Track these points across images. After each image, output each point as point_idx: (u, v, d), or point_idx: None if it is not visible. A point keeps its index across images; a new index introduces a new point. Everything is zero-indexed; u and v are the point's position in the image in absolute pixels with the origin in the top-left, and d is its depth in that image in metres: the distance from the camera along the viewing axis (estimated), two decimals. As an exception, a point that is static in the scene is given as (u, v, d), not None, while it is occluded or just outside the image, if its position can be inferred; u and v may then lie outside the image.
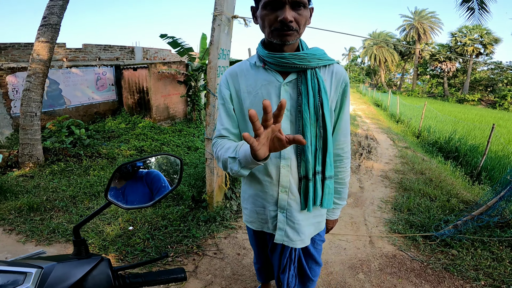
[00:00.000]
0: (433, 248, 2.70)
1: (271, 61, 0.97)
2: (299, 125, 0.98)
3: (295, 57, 0.95)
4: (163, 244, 2.63)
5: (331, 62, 1.02)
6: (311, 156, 1.00)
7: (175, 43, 7.41)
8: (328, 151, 1.01)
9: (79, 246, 0.71)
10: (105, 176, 4.28)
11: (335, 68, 1.04)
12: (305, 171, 1.01)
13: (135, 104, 8.31)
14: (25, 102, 4.47)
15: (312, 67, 0.97)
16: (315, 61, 0.98)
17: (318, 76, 0.99)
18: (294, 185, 1.04)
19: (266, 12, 0.88)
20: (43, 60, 4.47)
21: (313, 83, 0.98)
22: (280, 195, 1.06)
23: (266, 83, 1.01)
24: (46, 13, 4.46)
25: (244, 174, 0.91)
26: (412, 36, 33.62)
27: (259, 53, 1.02)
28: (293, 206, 1.06)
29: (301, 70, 0.98)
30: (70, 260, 0.65)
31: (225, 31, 2.66)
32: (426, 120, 10.48)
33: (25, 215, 3.17)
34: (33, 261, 0.63)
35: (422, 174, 4.81)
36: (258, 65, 1.02)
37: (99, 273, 0.65)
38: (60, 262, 0.62)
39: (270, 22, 0.89)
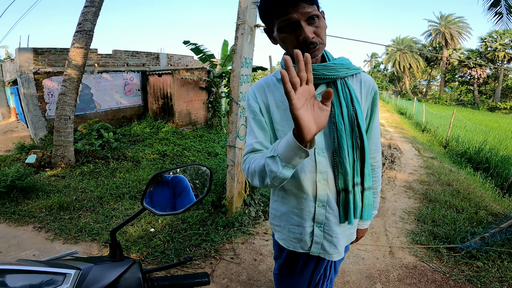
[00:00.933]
0: (457, 260, 2.61)
1: None
2: (334, 137, 0.95)
3: (324, 68, 0.93)
4: (182, 247, 2.70)
5: (358, 71, 1.01)
6: (349, 168, 0.96)
7: (198, 49, 7.63)
8: (366, 161, 0.98)
9: (114, 249, 0.76)
10: (130, 178, 4.45)
11: (362, 77, 1.02)
12: (344, 183, 0.98)
13: (159, 109, 8.60)
14: (60, 105, 4.77)
15: (341, 77, 0.96)
16: (344, 70, 0.96)
17: (348, 85, 0.97)
18: (332, 198, 1.01)
19: (284, 35, 0.87)
20: (77, 66, 4.76)
21: (344, 93, 0.96)
22: (317, 209, 1.02)
23: None
24: (81, 19, 4.74)
25: (287, 175, 0.80)
26: (438, 42, 32.41)
27: None
28: (331, 220, 1.03)
29: (331, 81, 0.96)
30: (106, 262, 0.70)
31: (248, 39, 2.72)
32: (454, 129, 10.02)
33: (55, 214, 3.36)
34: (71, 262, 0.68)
35: (449, 186, 4.61)
36: None
37: (131, 275, 0.68)
38: (97, 264, 0.66)
39: (293, 44, 0.86)
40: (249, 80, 2.97)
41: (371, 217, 1.06)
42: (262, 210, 3.40)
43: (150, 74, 8.68)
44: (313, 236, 1.05)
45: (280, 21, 0.84)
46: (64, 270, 0.61)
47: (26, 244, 2.83)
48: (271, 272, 2.43)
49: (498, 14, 4.72)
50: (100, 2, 4.87)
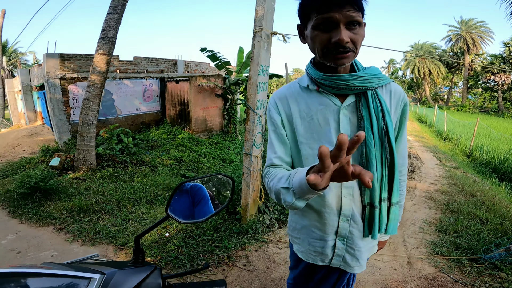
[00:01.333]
0: (479, 271, 2.51)
1: (328, 83, 0.90)
2: (363, 152, 0.91)
3: (355, 78, 0.88)
4: (196, 253, 2.71)
5: (388, 81, 0.96)
6: (377, 184, 0.92)
7: (214, 56, 7.76)
8: (395, 177, 0.94)
9: (137, 254, 0.78)
10: (147, 183, 4.55)
11: (392, 87, 0.97)
12: (370, 198, 0.94)
13: (176, 116, 8.77)
14: (84, 110, 4.96)
15: (372, 88, 0.91)
16: (376, 81, 0.91)
17: (379, 97, 0.92)
18: (357, 213, 0.97)
19: (317, 33, 0.82)
20: (101, 72, 4.94)
21: (375, 105, 0.91)
22: (341, 224, 0.98)
23: (322, 107, 0.93)
24: (104, 26, 4.93)
25: (299, 206, 0.79)
26: (460, 47, 31.39)
27: (311, 75, 0.94)
28: (355, 234, 0.99)
29: (360, 92, 0.91)
30: (129, 267, 0.72)
31: (265, 47, 2.75)
32: (478, 137, 9.61)
33: (75, 216, 3.47)
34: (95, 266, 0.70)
35: (472, 196, 4.42)
36: (312, 88, 0.95)
37: (152, 281, 0.70)
38: (120, 269, 0.68)
39: (323, 44, 0.82)
40: (265, 88, 2.98)
41: (395, 231, 1.02)
42: (276, 218, 3.37)
43: (168, 80, 8.90)
44: (335, 249, 1.02)
45: (318, 18, 0.80)
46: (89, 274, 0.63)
47: (45, 244, 2.93)
48: (283, 281, 2.40)
49: None
50: (122, 9, 5.05)
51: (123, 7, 5.10)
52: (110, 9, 4.98)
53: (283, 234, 3.15)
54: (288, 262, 2.64)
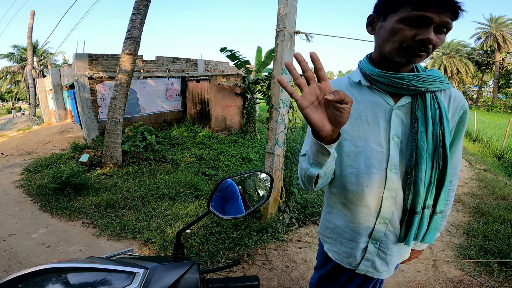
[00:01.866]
0: (508, 275, 2.42)
1: (384, 81, 0.87)
2: (413, 155, 0.87)
3: (415, 78, 0.85)
4: (216, 250, 2.75)
5: (449, 85, 0.91)
6: (423, 190, 0.88)
7: (233, 56, 7.81)
8: (444, 185, 0.90)
9: (177, 249, 0.80)
10: (169, 180, 4.66)
11: (452, 93, 0.92)
12: (412, 204, 0.90)
13: (196, 114, 8.93)
14: (111, 109, 5.15)
15: (432, 91, 0.87)
16: (437, 84, 0.87)
17: (439, 101, 0.87)
18: (397, 217, 0.93)
19: (402, 27, 0.77)
20: (127, 71, 5.10)
21: (432, 109, 0.86)
22: (377, 226, 0.95)
23: (372, 105, 0.90)
24: (130, 26, 5.07)
25: (313, 174, 0.81)
26: (490, 45, 29.74)
27: (365, 71, 0.91)
28: (389, 238, 0.96)
29: (417, 94, 0.87)
30: (169, 262, 0.75)
31: (288, 46, 2.74)
32: (510, 139, 9.09)
33: (102, 211, 3.61)
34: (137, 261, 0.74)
35: (504, 200, 4.21)
36: (364, 84, 0.92)
37: (191, 276, 0.72)
38: (162, 264, 0.71)
39: (404, 39, 0.78)
40: (289, 86, 2.98)
41: (433, 241, 0.98)
42: (296, 218, 3.36)
43: (189, 79, 9.07)
44: (366, 252, 0.99)
45: (412, 13, 0.76)
46: (134, 269, 0.66)
47: (74, 239, 3.04)
48: (303, 280, 2.39)
49: None
50: (145, 9, 5.17)
51: (147, 7, 5.22)
52: (134, 9, 5.11)
53: (303, 233, 3.13)
54: (307, 262, 2.63)
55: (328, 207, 1.08)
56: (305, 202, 3.61)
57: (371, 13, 0.89)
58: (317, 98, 0.67)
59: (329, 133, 0.69)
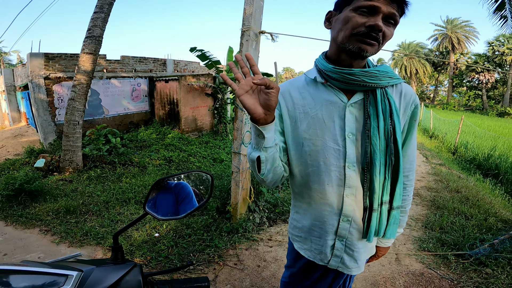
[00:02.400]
0: (465, 267, 2.57)
1: (336, 77, 0.88)
2: (367, 152, 0.89)
3: (365, 74, 0.86)
4: (186, 252, 2.70)
5: (400, 81, 0.93)
6: (379, 186, 0.90)
7: (204, 56, 7.70)
8: (398, 180, 0.92)
9: (116, 252, 0.77)
10: (136, 183, 4.49)
11: (403, 88, 0.95)
12: (370, 200, 0.92)
13: (165, 115, 8.69)
14: (69, 111, 4.86)
15: (382, 86, 0.88)
16: (386, 79, 0.89)
17: (389, 96, 0.89)
18: (359, 214, 0.96)
19: (354, 15, 0.81)
20: (87, 71, 4.85)
21: (383, 104, 0.88)
22: (341, 224, 0.97)
23: (327, 103, 0.91)
24: (90, 25, 4.84)
25: (254, 156, 0.86)
26: (445, 46, 32.16)
27: (320, 67, 0.93)
28: (354, 235, 0.98)
29: (369, 90, 0.89)
30: (107, 264, 0.71)
31: (253, 46, 2.75)
32: (463, 135, 9.88)
33: (61, 217, 3.41)
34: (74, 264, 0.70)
35: (457, 192, 4.55)
36: (319, 81, 0.93)
37: (132, 278, 0.70)
38: (99, 266, 0.68)
39: (355, 25, 0.81)
40: (254, 87, 2.98)
41: (394, 236, 1.01)
42: (267, 217, 3.39)
43: (157, 80, 8.80)
44: (334, 249, 1.01)
45: (363, 2, 0.80)
46: (66, 271, 0.63)
47: (32, 246, 2.87)
48: (274, 279, 2.41)
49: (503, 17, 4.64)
50: (109, 8, 4.97)
51: (111, 6, 5.01)
52: (96, 8, 4.90)
53: (274, 232, 3.16)
54: (278, 260, 2.66)
55: (295, 207, 1.09)
56: (275, 201, 3.65)
57: (330, 10, 0.92)
58: (251, 88, 0.77)
59: (262, 116, 0.78)
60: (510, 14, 4.55)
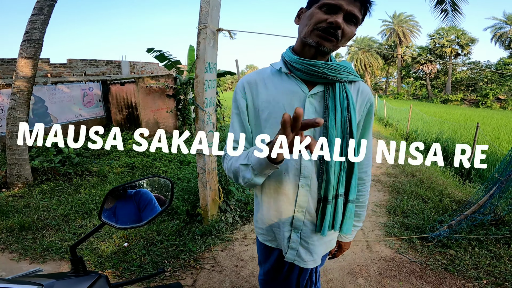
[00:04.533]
0: (430, 249, 2.72)
1: (300, 67, 0.91)
2: None
3: (326, 66, 0.90)
4: (160, 259, 2.59)
5: (358, 79, 0.98)
6: (334, 177, 0.92)
7: (162, 56, 7.42)
8: (354, 172, 0.95)
9: (76, 264, 0.73)
10: (97, 194, 4.20)
11: (361, 86, 0.99)
12: (324, 192, 0.94)
13: (124, 120, 8.23)
14: (10, 121, 4.38)
15: (341, 80, 0.92)
16: (346, 74, 0.93)
17: (347, 90, 0.93)
18: (312, 206, 0.97)
19: (318, 11, 0.86)
20: (27, 77, 4.41)
21: (341, 97, 0.92)
22: (296, 214, 0.98)
23: (289, 92, 0.94)
24: (28, 28, 4.41)
25: (258, 183, 0.85)
26: (393, 40, 34.65)
27: (285, 59, 0.96)
28: (308, 227, 0.99)
29: (329, 83, 0.93)
30: (69, 277, 0.66)
31: (211, 44, 2.69)
32: (413, 122, 10.72)
33: (16, 234, 3.12)
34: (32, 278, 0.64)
35: (413, 176, 4.90)
36: (284, 71, 0.96)
37: None
38: (60, 280, 0.63)
39: (318, 21, 0.86)
40: (214, 86, 2.92)
41: (350, 231, 1.03)
42: (239, 215, 3.37)
43: (111, 83, 8.29)
44: (290, 241, 1.01)
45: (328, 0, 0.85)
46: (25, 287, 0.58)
47: None
48: (254, 277, 2.41)
49: (444, 11, 5.06)
50: (49, 9, 4.56)
51: (51, 7, 4.59)
52: (35, 10, 4.46)
53: (248, 230, 3.16)
54: (255, 258, 2.66)
55: (257, 199, 1.11)
56: (246, 199, 3.64)
57: (302, 7, 0.97)
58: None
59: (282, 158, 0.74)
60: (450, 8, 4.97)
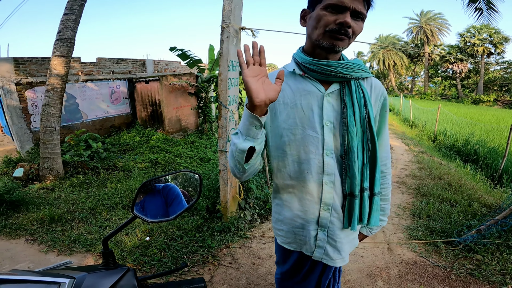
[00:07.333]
0: (456, 254, 2.62)
1: (315, 68, 0.93)
2: (345, 139, 0.93)
3: (341, 65, 0.92)
4: (179, 254, 2.66)
5: (370, 75, 1.00)
6: (358, 172, 0.94)
7: (184, 55, 7.57)
8: (376, 165, 0.97)
9: (107, 257, 0.75)
10: (122, 188, 4.36)
11: (373, 82, 1.02)
12: (350, 187, 0.95)
13: (148, 117, 8.48)
14: (44, 117, 4.64)
15: (356, 78, 0.95)
16: (359, 72, 0.95)
17: (362, 87, 0.96)
18: (338, 202, 0.98)
19: (325, 13, 0.87)
20: (60, 75, 4.64)
21: (358, 94, 0.94)
22: (321, 213, 0.98)
23: (306, 93, 0.95)
24: (61, 27, 4.63)
25: (245, 148, 0.85)
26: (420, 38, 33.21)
27: (298, 60, 0.98)
28: (335, 224, 1.00)
29: (344, 81, 0.94)
30: (100, 270, 0.68)
31: (234, 42, 2.71)
32: (441, 123, 10.25)
33: (46, 226, 3.29)
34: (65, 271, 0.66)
35: (440, 179, 4.69)
36: (298, 73, 0.97)
37: (126, 283, 0.67)
38: (91, 273, 0.65)
39: (327, 23, 0.87)
40: (237, 84, 2.95)
41: (378, 223, 1.03)
42: (258, 213, 3.38)
43: (137, 81, 8.57)
44: (317, 240, 1.02)
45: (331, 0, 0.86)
46: (58, 279, 0.60)
47: (19, 256, 2.76)
48: (270, 276, 2.41)
49: (478, 9, 4.83)
50: (80, 9, 4.77)
51: (81, 7, 4.81)
52: (66, 9, 4.69)
53: (266, 229, 3.16)
54: (273, 257, 2.66)
55: (276, 199, 1.11)
56: (265, 197, 3.64)
57: (304, 8, 0.97)
58: (258, 75, 0.81)
59: (262, 102, 0.80)
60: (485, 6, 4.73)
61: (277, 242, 1.15)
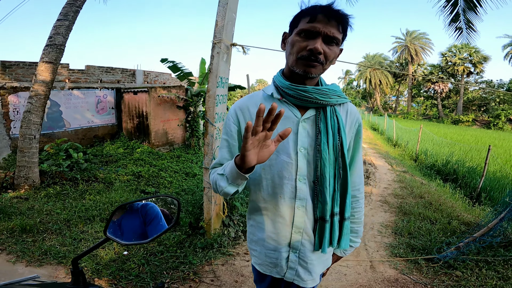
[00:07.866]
0: (436, 271, 2.66)
1: (292, 93, 0.93)
2: (318, 165, 0.94)
3: (317, 91, 0.92)
4: (159, 270, 2.57)
5: (346, 100, 1.00)
6: (329, 198, 0.95)
7: (175, 67, 7.58)
8: (347, 192, 0.98)
9: (77, 276, 0.72)
10: (101, 200, 4.22)
11: (349, 107, 1.02)
12: (321, 212, 0.96)
13: (134, 129, 8.34)
14: (25, 124, 4.49)
15: (332, 104, 0.95)
16: (335, 98, 0.95)
17: (337, 114, 0.96)
18: (309, 226, 0.99)
19: (298, 39, 0.88)
20: (45, 82, 4.52)
21: (332, 121, 0.94)
22: (293, 235, 1.00)
23: (282, 118, 0.94)
24: (52, 33, 4.55)
25: (230, 192, 0.88)
26: (405, 58, 34.60)
27: (277, 84, 0.98)
28: (306, 247, 1.01)
29: (320, 107, 0.95)
30: None
31: (224, 59, 2.74)
32: (422, 143, 10.57)
33: (17, 236, 3.14)
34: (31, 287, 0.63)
35: (421, 198, 4.80)
36: (275, 97, 0.97)
37: None
38: None
39: (299, 49, 0.88)
40: (225, 101, 2.95)
41: (347, 246, 1.05)
42: (242, 230, 3.33)
43: (125, 91, 8.47)
44: (288, 261, 1.03)
45: (304, 24, 0.86)
46: None
47: None
48: (252, 294, 2.35)
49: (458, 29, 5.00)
50: (74, 15, 4.74)
51: (76, 13, 4.78)
52: (60, 15, 4.64)
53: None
54: (255, 274, 2.60)
55: (250, 220, 1.11)
56: (250, 213, 3.60)
57: (285, 31, 0.98)
58: (259, 142, 0.75)
59: (251, 165, 0.77)
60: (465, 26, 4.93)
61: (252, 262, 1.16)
